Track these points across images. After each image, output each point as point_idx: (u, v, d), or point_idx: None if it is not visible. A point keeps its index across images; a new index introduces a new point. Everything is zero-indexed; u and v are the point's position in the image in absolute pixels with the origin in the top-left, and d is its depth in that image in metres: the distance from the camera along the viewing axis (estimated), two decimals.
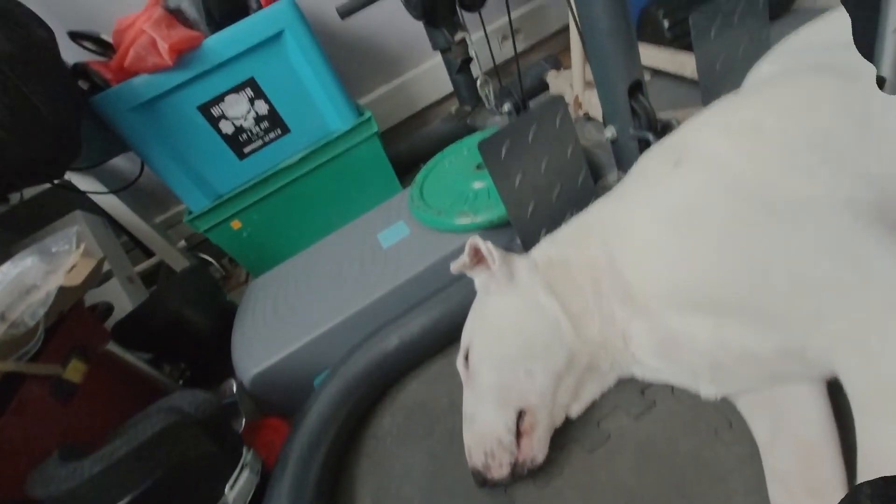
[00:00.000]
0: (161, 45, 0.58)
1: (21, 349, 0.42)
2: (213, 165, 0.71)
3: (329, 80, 0.72)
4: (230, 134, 0.70)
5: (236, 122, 0.70)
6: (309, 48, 0.68)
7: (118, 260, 0.79)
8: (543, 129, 0.48)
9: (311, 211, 0.79)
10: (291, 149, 0.74)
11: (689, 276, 0.33)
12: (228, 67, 0.65)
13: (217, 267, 0.92)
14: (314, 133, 0.75)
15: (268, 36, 0.65)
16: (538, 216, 0.50)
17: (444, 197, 0.61)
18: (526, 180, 0.48)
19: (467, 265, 0.43)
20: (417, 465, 0.45)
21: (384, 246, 0.61)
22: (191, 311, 0.61)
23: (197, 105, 0.66)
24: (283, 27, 0.65)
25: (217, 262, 0.92)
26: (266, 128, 0.72)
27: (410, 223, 0.63)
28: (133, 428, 0.37)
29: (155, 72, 0.60)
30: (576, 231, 0.43)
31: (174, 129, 0.66)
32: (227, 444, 0.42)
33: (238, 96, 0.68)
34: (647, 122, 0.50)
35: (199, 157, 0.70)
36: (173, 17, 0.62)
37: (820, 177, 0.31)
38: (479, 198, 0.58)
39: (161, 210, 0.97)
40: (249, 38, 0.64)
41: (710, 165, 0.35)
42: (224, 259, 0.94)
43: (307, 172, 0.76)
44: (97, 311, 0.63)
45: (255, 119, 0.71)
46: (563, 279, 0.40)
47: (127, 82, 0.60)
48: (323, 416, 0.47)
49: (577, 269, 0.40)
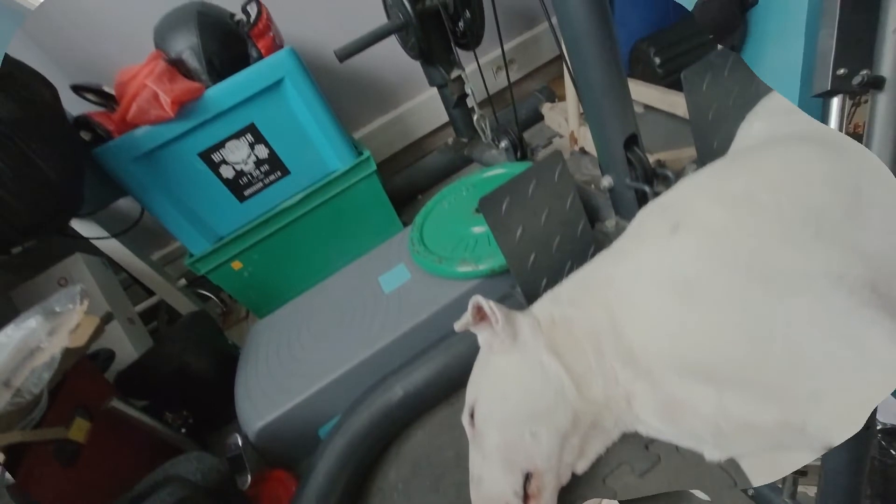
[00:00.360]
0: (163, 99, 0.58)
1: (26, 417, 0.42)
2: (214, 209, 0.71)
3: (328, 122, 0.73)
4: (231, 178, 0.71)
5: (237, 166, 0.70)
6: (308, 93, 0.69)
7: (118, 301, 0.78)
8: (543, 184, 0.49)
9: (311, 249, 0.80)
10: (291, 190, 0.75)
11: (690, 346, 0.34)
12: (229, 115, 0.66)
13: (217, 302, 0.92)
14: (314, 174, 0.76)
15: (268, 84, 0.66)
16: (539, 266, 0.51)
17: (445, 242, 0.62)
18: (526, 233, 0.49)
19: (471, 323, 0.44)
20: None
21: (385, 291, 0.62)
22: (193, 358, 0.61)
23: (198, 152, 0.67)
24: (282, 75, 0.66)
25: (216, 297, 0.92)
26: (266, 171, 0.73)
27: (411, 267, 0.63)
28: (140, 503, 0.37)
29: (157, 123, 0.61)
30: (577, 290, 0.44)
31: (175, 176, 0.67)
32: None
33: (238, 142, 0.69)
34: (644, 173, 0.51)
35: (199, 201, 0.70)
36: (175, 68, 0.62)
37: (814, 251, 0.32)
38: (480, 244, 0.59)
39: (159, 246, 0.97)
40: (250, 87, 0.65)
41: (707, 234, 0.36)
42: (223, 294, 0.94)
43: (307, 212, 0.77)
44: (99, 360, 0.63)
45: (255, 163, 0.71)
46: (566, 339, 0.41)
47: (129, 134, 0.61)
48: (330, 472, 0.47)
49: (579, 330, 0.41)
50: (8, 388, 0.42)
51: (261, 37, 0.66)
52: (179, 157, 0.65)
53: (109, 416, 0.52)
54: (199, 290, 0.91)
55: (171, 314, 0.86)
